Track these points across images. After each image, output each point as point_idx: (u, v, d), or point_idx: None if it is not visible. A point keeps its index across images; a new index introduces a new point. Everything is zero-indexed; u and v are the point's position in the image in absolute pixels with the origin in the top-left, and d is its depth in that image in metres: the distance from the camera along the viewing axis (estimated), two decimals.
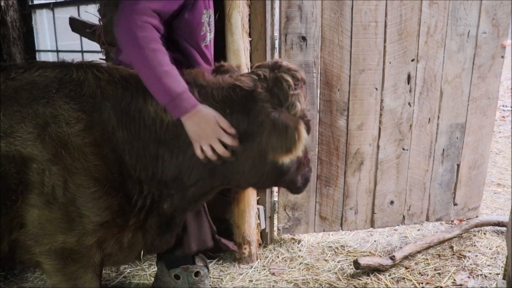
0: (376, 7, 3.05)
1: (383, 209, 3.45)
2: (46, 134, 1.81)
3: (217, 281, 2.99)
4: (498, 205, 4.16)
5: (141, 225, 2.06)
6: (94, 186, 1.85)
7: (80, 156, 1.83)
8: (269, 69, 2.09)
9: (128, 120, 1.93)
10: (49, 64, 2.00)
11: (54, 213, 1.84)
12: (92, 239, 1.93)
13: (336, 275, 3.04)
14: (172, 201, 2.09)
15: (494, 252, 3.27)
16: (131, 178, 1.95)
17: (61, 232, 1.88)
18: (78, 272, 1.98)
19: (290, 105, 2.01)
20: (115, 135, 1.91)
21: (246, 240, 3.17)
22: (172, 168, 2.00)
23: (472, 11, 3.18)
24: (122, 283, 2.98)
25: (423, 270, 3.07)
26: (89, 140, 1.85)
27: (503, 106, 8.38)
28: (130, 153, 1.93)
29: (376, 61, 3.14)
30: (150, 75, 1.91)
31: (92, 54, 5.24)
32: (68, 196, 1.84)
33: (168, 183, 2.03)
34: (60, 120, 1.83)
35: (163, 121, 1.96)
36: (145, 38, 1.91)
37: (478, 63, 3.29)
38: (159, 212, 2.09)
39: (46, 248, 1.91)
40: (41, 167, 1.81)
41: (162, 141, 1.97)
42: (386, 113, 3.25)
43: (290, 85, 2.02)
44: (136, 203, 1.99)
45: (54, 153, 1.81)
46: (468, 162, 3.50)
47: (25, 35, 5.26)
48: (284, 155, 1.95)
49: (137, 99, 1.96)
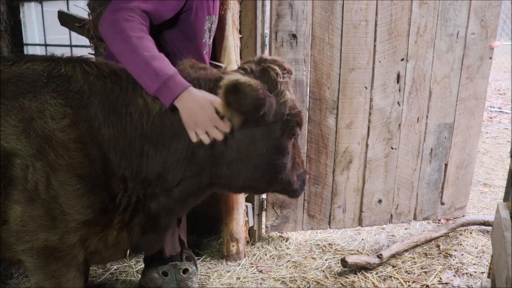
0: (367, 6, 3.05)
1: (371, 207, 3.47)
2: (31, 129, 1.76)
3: (204, 278, 2.99)
4: (484, 204, 4.21)
5: (126, 224, 2.01)
6: (78, 184, 1.81)
7: (64, 152, 1.79)
8: (255, 63, 2.07)
9: (114, 117, 1.89)
10: (38, 57, 1.96)
11: (37, 210, 1.80)
12: (75, 237, 1.89)
13: (324, 273, 3.05)
14: (158, 200, 2.05)
15: (479, 251, 3.30)
16: (115, 176, 1.91)
17: (44, 230, 1.84)
18: (61, 270, 1.94)
19: (280, 92, 1.98)
20: (101, 132, 1.87)
21: (234, 237, 3.17)
22: (156, 165, 1.96)
23: (461, 12, 3.20)
24: (109, 280, 2.96)
25: (410, 268, 3.09)
26: (74, 136, 1.81)
27: (491, 107, 8.47)
28: (115, 150, 1.89)
29: (366, 60, 3.15)
30: (138, 62, 1.86)
31: (81, 49, 5.19)
32: (51, 193, 1.80)
33: (153, 182, 1.99)
34: (45, 115, 1.78)
35: (150, 113, 1.92)
36: (131, 28, 1.88)
37: (466, 64, 3.32)
38: (145, 211, 2.04)
39: (28, 246, 1.87)
40: (24, 163, 1.76)
41: (148, 137, 1.93)
42: (375, 112, 3.26)
43: (277, 73, 1.99)
44: (120, 201, 1.94)
45: (38, 148, 1.77)
46: (456, 162, 3.53)
47: (12, 28, 5.18)
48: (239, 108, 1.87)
49: (126, 91, 1.92)
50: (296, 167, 2.24)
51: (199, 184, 2.07)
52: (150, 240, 2.17)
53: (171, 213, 2.15)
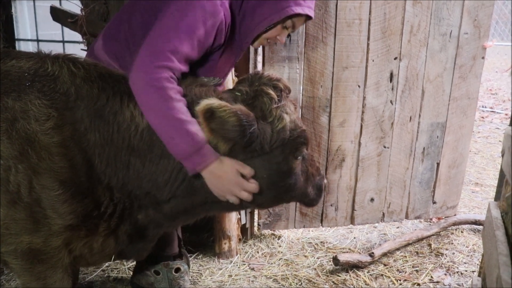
0: (361, 5, 3.05)
1: (363, 206, 3.47)
2: (14, 130, 1.70)
3: (196, 275, 2.98)
4: (475, 203, 4.23)
5: (112, 231, 1.95)
6: (59, 189, 1.75)
7: (47, 156, 1.72)
8: (248, 83, 1.97)
9: (101, 123, 1.82)
10: (24, 54, 1.88)
11: (19, 213, 1.74)
12: (59, 240, 1.84)
13: (316, 271, 3.05)
14: (147, 212, 1.98)
15: (470, 250, 3.32)
16: (101, 184, 1.84)
17: (27, 233, 1.78)
18: (47, 272, 1.90)
19: (276, 118, 1.88)
20: (87, 136, 1.80)
21: (226, 235, 3.16)
22: (144, 182, 1.89)
23: (454, 12, 3.21)
24: (101, 277, 2.95)
25: (401, 267, 3.10)
26: (57, 139, 1.74)
27: (483, 107, 8.52)
28: (100, 157, 1.82)
29: (359, 58, 3.15)
30: (175, 123, 1.80)
31: (73, 45, 5.17)
32: (34, 196, 1.74)
33: (140, 197, 1.92)
34: (29, 116, 1.71)
35: (138, 127, 1.85)
36: (172, 89, 1.83)
37: (459, 63, 3.33)
38: (132, 221, 1.98)
39: (11, 248, 1.81)
40: (7, 164, 1.70)
41: (135, 150, 1.85)
42: (368, 110, 3.26)
43: (271, 98, 1.89)
44: (106, 209, 1.87)
45: (21, 150, 1.70)
46: (448, 161, 3.55)
47: (4, 23, 5.13)
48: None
49: (114, 101, 1.85)
50: (311, 178, 2.12)
51: (192, 203, 2.00)
52: (137, 249, 2.11)
53: (159, 227, 2.08)
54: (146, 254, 2.25)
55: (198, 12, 1.93)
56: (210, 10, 1.96)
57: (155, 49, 1.87)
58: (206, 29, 1.96)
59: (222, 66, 2.30)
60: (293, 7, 2.06)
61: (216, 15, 1.98)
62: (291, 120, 1.94)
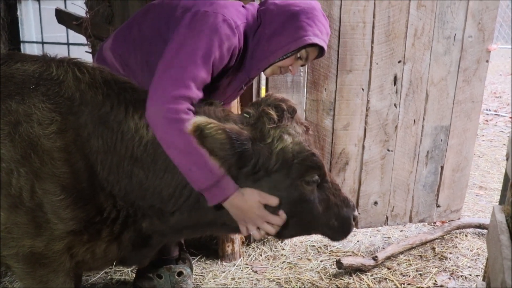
0: (365, 8, 3.06)
1: (367, 209, 3.47)
2: (17, 133, 1.68)
3: (199, 278, 2.98)
4: (479, 207, 4.21)
5: (115, 238, 1.94)
6: (61, 194, 1.73)
7: (49, 160, 1.71)
8: (257, 104, 1.92)
9: (105, 130, 1.80)
10: (29, 57, 1.87)
11: (21, 217, 1.73)
12: (61, 245, 1.82)
13: (319, 275, 3.04)
14: (151, 221, 1.95)
15: (474, 254, 3.30)
16: (103, 190, 1.82)
17: (29, 237, 1.77)
18: (49, 276, 1.88)
19: (275, 139, 1.83)
20: (90, 142, 1.78)
21: (229, 238, 3.16)
22: (148, 192, 1.86)
23: (458, 15, 3.21)
24: (104, 279, 2.95)
25: (405, 271, 3.09)
26: (60, 144, 1.72)
27: (487, 110, 8.49)
28: (102, 164, 1.80)
29: (363, 61, 3.15)
30: (194, 157, 1.76)
31: (78, 47, 5.19)
32: (36, 200, 1.72)
33: (144, 207, 1.90)
34: (32, 120, 1.70)
35: (142, 139, 1.83)
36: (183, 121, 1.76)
37: (463, 67, 3.32)
38: (136, 229, 1.96)
39: (13, 252, 1.80)
40: (9, 167, 1.69)
41: (138, 161, 1.83)
42: (372, 114, 3.26)
43: (271, 118, 1.83)
44: (109, 215, 1.86)
45: (23, 154, 1.69)
46: (452, 164, 3.54)
47: (9, 25, 5.17)
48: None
49: (118, 110, 1.83)
50: (333, 208, 1.96)
51: (198, 219, 1.96)
52: (139, 256, 2.10)
53: (163, 236, 2.06)
54: (148, 261, 2.24)
55: (214, 35, 1.90)
56: (226, 33, 1.93)
57: (172, 77, 1.83)
58: (221, 52, 1.94)
59: (225, 90, 2.29)
60: (311, 37, 2.06)
61: (232, 38, 1.96)
62: (296, 142, 1.86)
